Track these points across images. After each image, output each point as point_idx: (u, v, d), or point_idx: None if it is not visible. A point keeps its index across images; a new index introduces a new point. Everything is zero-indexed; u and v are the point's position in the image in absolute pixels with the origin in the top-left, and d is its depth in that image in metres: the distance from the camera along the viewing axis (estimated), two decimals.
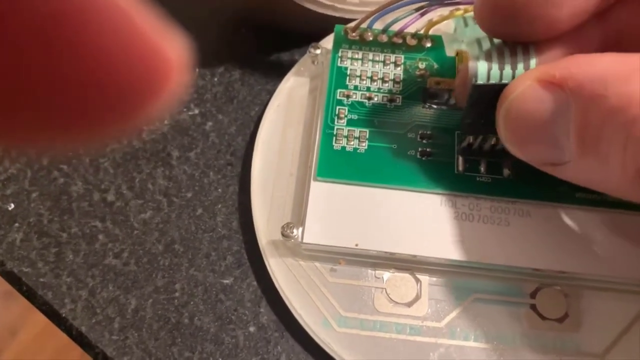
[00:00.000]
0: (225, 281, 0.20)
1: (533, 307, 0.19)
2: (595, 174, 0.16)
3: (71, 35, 0.07)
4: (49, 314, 0.20)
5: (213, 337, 0.19)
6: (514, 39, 0.17)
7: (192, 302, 0.20)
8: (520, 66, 0.17)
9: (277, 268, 0.19)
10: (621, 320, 0.19)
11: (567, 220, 0.19)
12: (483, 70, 0.17)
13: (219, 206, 0.21)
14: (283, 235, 0.19)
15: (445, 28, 0.23)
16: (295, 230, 0.19)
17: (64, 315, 0.20)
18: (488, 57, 0.17)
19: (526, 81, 0.16)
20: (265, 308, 0.20)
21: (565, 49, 0.17)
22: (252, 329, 0.19)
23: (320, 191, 0.20)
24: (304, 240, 0.19)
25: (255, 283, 0.20)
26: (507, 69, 0.17)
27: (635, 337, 0.18)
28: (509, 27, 0.17)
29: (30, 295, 0.20)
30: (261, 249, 0.20)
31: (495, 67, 0.17)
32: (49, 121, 0.07)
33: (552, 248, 0.19)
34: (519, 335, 0.19)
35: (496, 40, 0.18)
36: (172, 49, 0.08)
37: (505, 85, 0.17)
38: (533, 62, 0.17)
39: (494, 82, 0.17)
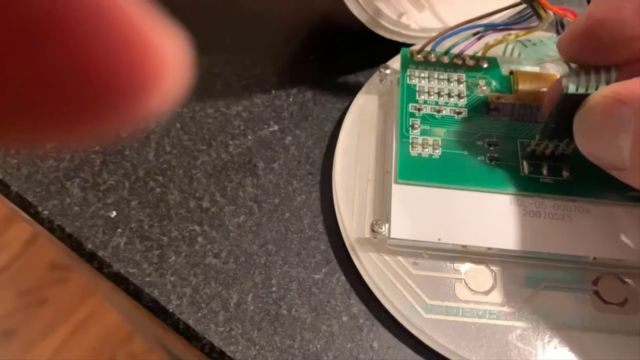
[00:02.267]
0: (317, 276, 0.22)
1: (596, 293, 0.21)
2: None
3: (61, 29, 0.07)
4: (156, 310, 0.21)
5: (310, 326, 0.21)
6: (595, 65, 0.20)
7: (288, 295, 0.21)
8: (603, 82, 0.19)
9: (366, 262, 0.21)
10: None
11: (622, 215, 0.21)
12: (573, 83, 0.19)
13: (304, 210, 0.23)
14: (373, 230, 0.21)
15: (495, 52, 0.25)
16: (383, 227, 0.21)
17: (171, 310, 0.21)
18: (578, 73, 0.19)
19: (598, 96, 0.19)
20: (355, 299, 0.21)
21: None
22: (345, 318, 0.21)
23: (401, 192, 0.21)
24: (392, 235, 0.21)
25: (343, 278, 0.22)
26: (592, 83, 0.19)
27: None
28: (592, 59, 0.19)
29: (137, 294, 0.21)
30: (348, 245, 0.22)
31: (583, 81, 0.19)
32: (39, 116, 0.07)
33: (610, 240, 0.21)
34: (587, 317, 0.20)
35: None
36: (168, 45, 0.08)
37: (588, 95, 0.19)
38: (613, 79, 0.19)
39: (581, 92, 0.19)
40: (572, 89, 0.19)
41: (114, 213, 0.23)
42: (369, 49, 0.26)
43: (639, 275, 0.21)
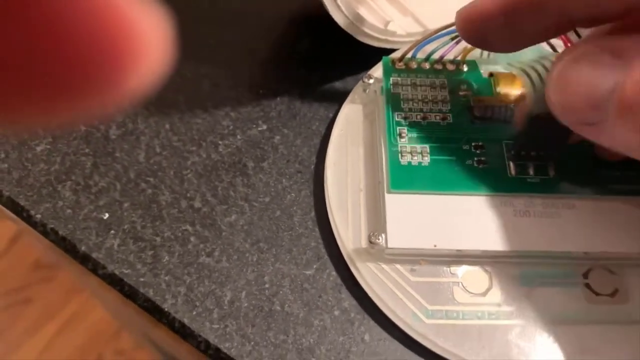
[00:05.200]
0: (308, 272, 0.21)
1: (587, 285, 0.20)
2: (629, 136, 0.15)
3: (41, 6, 0.06)
4: (152, 310, 0.20)
5: (303, 321, 0.20)
6: None
7: (280, 292, 0.20)
8: None
9: (365, 273, 0.20)
10: None
11: (607, 208, 0.21)
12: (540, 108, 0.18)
13: (294, 208, 0.22)
14: (370, 242, 0.20)
15: (474, 53, 0.24)
16: (380, 238, 0.20)
17: (166, 309, 0.20)
18: (541, 92, 0.19)
19: (584, 45, 0.16)
20: (345, 294, 0.20)
21: None
22: (336, 312, 0.20)
23: (395, 202, 0.21)
24: (389, 245, 0.20)
25: (334, 273, 0.21)
26: None
27: None
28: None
29: (132, 294, 0.20)
30: (346, 257, 0.21)
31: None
32: (15, 94, 0.07)
33: (597, 233, 0.20)
34: (581, 310, 0.20)
35: None
36: (148, 23, 0.07)
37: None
38: None
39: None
40: (540, 108, 0.18)
41: (107, 215, 0.22)
42: (355, 47, 0.25)
43: (627, 265, 0.21)
